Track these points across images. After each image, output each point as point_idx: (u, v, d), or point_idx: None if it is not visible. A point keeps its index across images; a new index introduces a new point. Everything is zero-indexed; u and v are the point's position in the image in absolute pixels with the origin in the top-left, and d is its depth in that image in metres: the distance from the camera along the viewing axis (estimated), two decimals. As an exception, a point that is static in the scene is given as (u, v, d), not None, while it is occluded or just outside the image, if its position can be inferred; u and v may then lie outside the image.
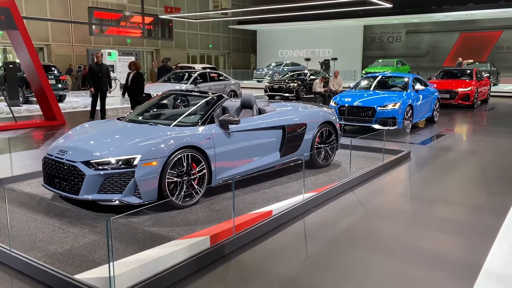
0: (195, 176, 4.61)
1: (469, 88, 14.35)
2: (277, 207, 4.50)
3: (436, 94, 11.49)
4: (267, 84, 19.10)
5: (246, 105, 5.87)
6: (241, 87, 17.17)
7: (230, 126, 5.03)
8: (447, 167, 7.00)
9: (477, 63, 22.35)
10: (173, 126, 4.99)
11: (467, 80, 14.92)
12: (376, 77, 11.55)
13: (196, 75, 14.48)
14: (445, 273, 3.36)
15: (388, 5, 18.77)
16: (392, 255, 3.69)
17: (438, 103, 11.54)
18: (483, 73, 17.07)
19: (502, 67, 24.62)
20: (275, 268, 3.45)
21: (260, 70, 29.06)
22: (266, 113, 5.82)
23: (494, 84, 21.27)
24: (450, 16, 26.30)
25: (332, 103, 10.29)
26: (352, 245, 3.89)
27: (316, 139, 6.27)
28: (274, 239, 3.97)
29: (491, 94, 17.73)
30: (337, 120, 6.81)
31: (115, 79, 18.85)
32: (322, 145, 6.40)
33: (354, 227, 4.36)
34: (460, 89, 14.30)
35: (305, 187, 5.23)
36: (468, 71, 15.83)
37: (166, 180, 4.36)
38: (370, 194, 5.44)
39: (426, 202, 5.20)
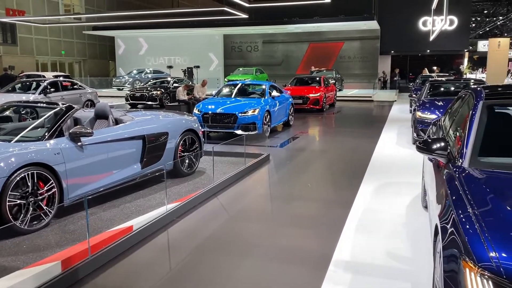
0: (43, 196, 4.17)
1: (318, 94, 15.76)
2: (138, 222, 4.31)
3: (290, 100, 12.35)
4: (128, 92, 18.39)
5: (101, 115, 5.52)
6: (99, 96, 16.21)
7: (83, 139, 4.67)
8: (302, 166, 7.55)
9: (324, 70, 24.70)
10: (15, 141, 4.44)
11: (317, 87, 16.38)
12: (237, 84, 11.97)
13: (45, 84, 13.18)
14: (301, 266, 3.60)
15: (245, 16, 19.64)
16: (253, 255, 3.82)
17: (292, 108, 12.42)
18: (329, 80, 18.93)
19: (345, 74, 27.62)
20: (136, 285, 3.29)
21: (120, 77, 27.77)
22: (124, 123, 5.56)
23: (339, 90, 23.72)
24: (300, 27, 28.61)
25: (195, 111, 10.33)
26: (216, 250, 3.93)
27: (179, 148, 6.21)
28: (135, 255, 3.80)
29: (337, 98, 19.75)
30: (200, 127, 6.84)
31: None
32: (185, 153, 6.37)
33: (218, 232, 4.41)
34: (311, 95, 15.62)
35: (169, 197, 5.13)
36: (317, 78, 17.38)
37: (7, 203, 3.86)
38: (234, 198, 5.58)
39: (284, 201, 5.53)
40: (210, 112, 9.97)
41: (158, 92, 17.39)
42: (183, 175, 6.26)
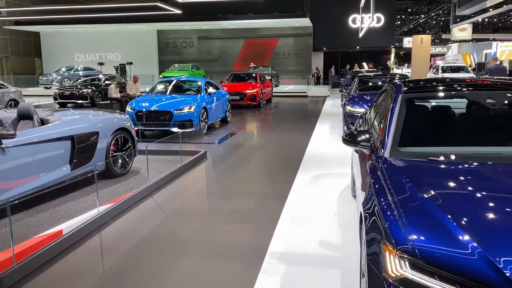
0: (-40, 203, 3.87)
1: (255, 90, 15.94)
2: (68, 226, 4.14)
3: (227, 96, 12.39)
4: (57, 90, 17.49)
5: (25, 116, 5.21)
6: (25, 95, 15.26)
7: (4, 141, 4.38)
8: (239, 162, 7.62)
9: (261, 67, 25.00)
10: None
11: (253, 83, 16.55)
12: (172, 81, 11.79)
13: (-39, 83, 12.20)
14: (237, 260, 3.66)
15: (178, 11, 19.33)
16: (190, 253, 3.81)
17: (229, 105, 12.47)
18: (266, 76, 19.19)
19: (280, 71, 28.16)
20: (68, 291, 3.17)
21: (47, 75, 26.27)
22: (50, 123, 5.29)
23: (276, 86, 24.15)
24: (234, 24, 28.73)
25: (128, 109, 10.05)
26: (152, 251, 3.87)
27: (111, 147, 6.02)
28: (66, 260, 3.64)
29: (274, 94, 20.09)
30: (133, 125, 6.67)
31: None
32: (118, 153, 6.19)
33: (154, 232, 4.34)
34: (247, 91, 15.76)
35: (102, 199, 4.97)
36: (254, 75, 17.57)
37: None
38: (170, 197, 5.51)
39: (221, 197, 5.56)
40: (144, 109, 9.75)
41: (89, 90, 16.71)
42: (117, 175, 6.08)
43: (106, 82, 17.49)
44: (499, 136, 3.38)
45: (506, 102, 3.79)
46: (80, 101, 16.50)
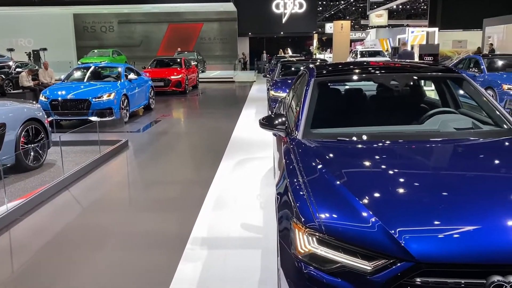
0: None
1: (180, 76, 15.65)
2: (-29, 225, 3.82)
3: (149, 82, 12.02)
4: (-42, 80, 15.89)
5: None
6: None
7: None
8: (163, 150, 7.47)
9: (186, 52, 24.51)
10: None
11: (178, 68, 16.22)
12: (89, 67, 11.19)
13: None
14: (158, 249, 3.60)
15: (95, -6, 18.29)
16: (108, 245, 3.69)
17: (152, 91, 12.12)
18: (191, 62, 18.88)
19: (206, 56, 27.81)
20: (-30, 296, 2.94)
21: None
22: None
23: (202, 71, 23.85)
24: (157, 7, 27.69)
25: (41, 98, 9.42)
26: (67, 246, 3.69)
27: (21, 139, 5.62)
28: (-31, 263, 3.37)
29: (200, 80, 19.85)
30: (45, 115, 6.27)
31: None
32: (30, 145, 5.79)
33: (69, 227, 4.14)
34: (172, 77, 15.43)
35: (12, 194, 4.66)
36: (178, 60, 17.20)
37: None
38: (87, 189, 5.27)
39: (142, 187, 5.43)
40: (59, 98, 9.19)
41: (-3, 79, 15.38)
42: (29, 168, 5.71)
43: (17, 69, 16.22)
44: (404, 115, 3.61)
45: (410, 83, 4.07)
46: (-13, 91, 15.16)
